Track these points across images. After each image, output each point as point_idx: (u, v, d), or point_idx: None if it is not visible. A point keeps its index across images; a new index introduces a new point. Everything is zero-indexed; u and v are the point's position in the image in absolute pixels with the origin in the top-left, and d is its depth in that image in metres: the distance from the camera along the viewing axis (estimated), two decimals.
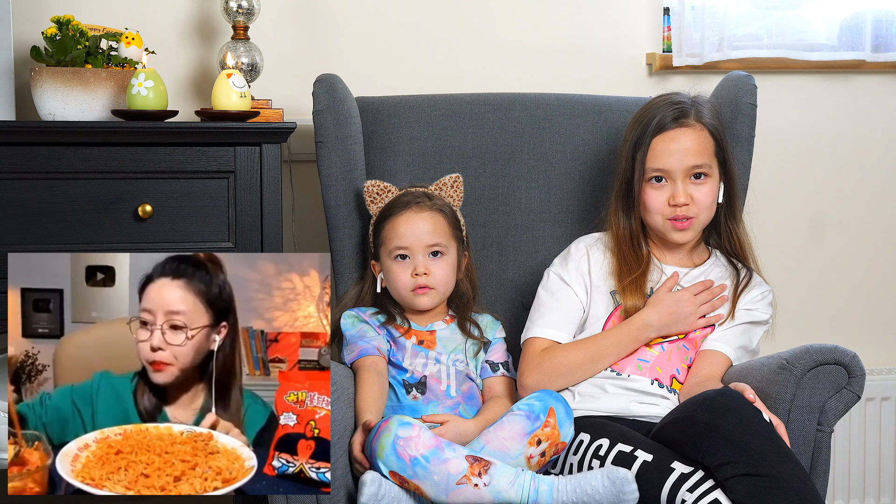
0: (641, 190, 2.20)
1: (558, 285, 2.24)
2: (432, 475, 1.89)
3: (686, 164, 2.17)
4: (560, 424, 2.02)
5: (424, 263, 2.20)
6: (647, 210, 2.21)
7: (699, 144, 2.19)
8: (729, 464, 1.84)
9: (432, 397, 2.16)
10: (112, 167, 2.21)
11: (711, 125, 2.21)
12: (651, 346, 2.19)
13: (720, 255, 2.28)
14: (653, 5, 2.80)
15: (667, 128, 2.18)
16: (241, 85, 2.27)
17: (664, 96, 2.25)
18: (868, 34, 2.82)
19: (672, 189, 2.18)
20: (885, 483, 2.91)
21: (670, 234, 2.21)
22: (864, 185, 2.93)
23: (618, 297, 2.21)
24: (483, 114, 2.48)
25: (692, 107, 2.21)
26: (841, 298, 2.94)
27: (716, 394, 1.95)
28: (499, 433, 2.01)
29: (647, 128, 2.20)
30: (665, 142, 2.18)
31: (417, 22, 2.72)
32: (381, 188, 2.27)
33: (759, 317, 2.22)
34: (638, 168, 2.20)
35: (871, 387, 2.84)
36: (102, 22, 2.48)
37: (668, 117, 2.19)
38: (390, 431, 1.91)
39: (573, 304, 2.22)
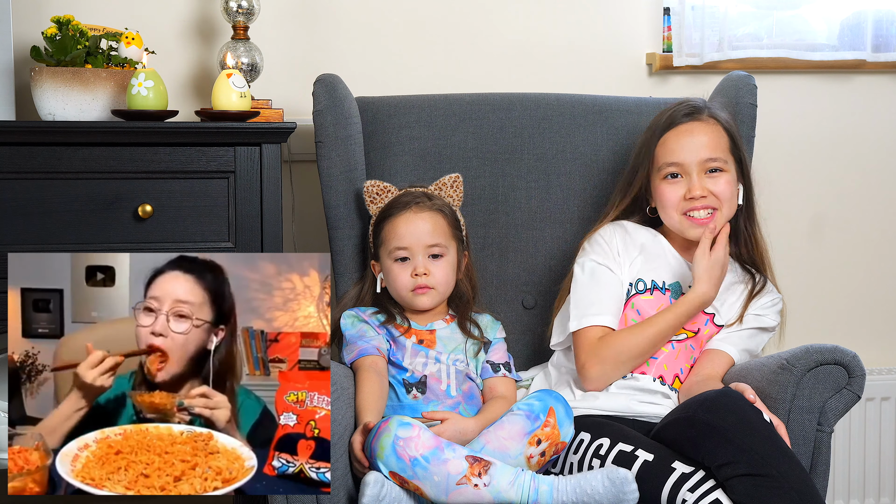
0: (657, 189, 2.19)
1: (598, 270, 2.20)
2: (432, 475, 1.89)
3: (700, 156, 2.15)
4: (560, 424, 2.02)
5: (424, 264, 2.20)
6: (663, 207, 2.19)
7: (713, 138, 2.17)
8: (729, 464, 1.84)
9: (432, 397, 2.15)
10: (112, 167, 2.21)
11: (725, 121, 2.20)
12: None
13: (733, 260, 2.27)
14: (653, 5, 2.80)
15: (679, 122, 2.18)
16: (241, 85, 2.27)
17: (677, 101, 2.25)
18: (868, 34, 2.82)
19: (688, 183, 2.16)
20: (885, 483, 2.91)
21: (687, 232, 2.18)
22: (864, 185, 2.93)
23: (630, 288, 2.20)
24: (483, 114, 2.48)
25: (705, 106, 2.21)
26: (841, 298, 2.94)
27: (716, 394, 1.95)
28: (499, 433, 2.01)
29: (659, 127, 2.20)
30: (678, 135, 2.17)
31: (417, 22, 2.72)
32: (380, 188, 2.27)
33: (768, 323, 2.23)
34: (652, 166, 2.19)
35: (871, 387, 2.84)
36: (102, 22, 2.48)
37: (679, 112, 2.19)
38: (390, 432, 1.91)
39: (615, 285, 2.20)
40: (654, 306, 2.20)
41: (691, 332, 2.20)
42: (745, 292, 2.23)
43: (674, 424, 1.96)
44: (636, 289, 2.21)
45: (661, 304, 2.19)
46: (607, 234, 2.24)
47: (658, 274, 2.22)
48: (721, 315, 2.22)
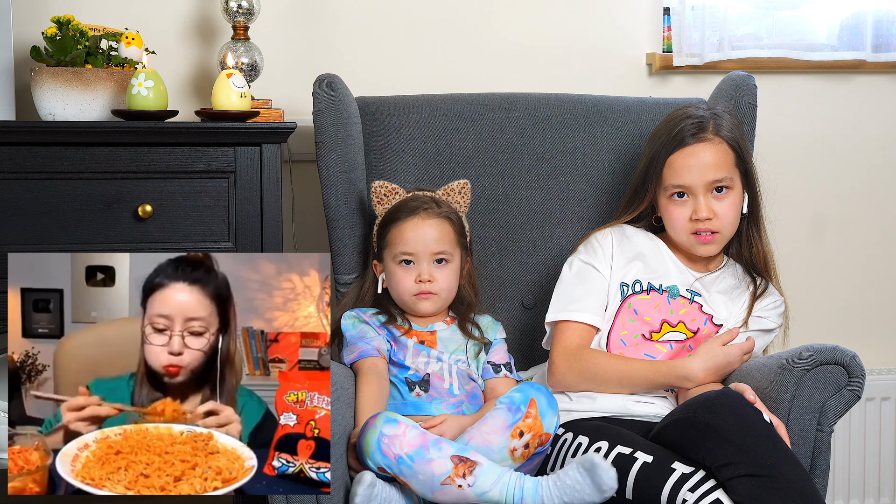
0: (664, 207, 2.22)
1: (584, 269, 2.23)
2: (417, 474, 1.90)
3: (706, 178, 2.17)
4: (542, 415, 2.00)
5: (429, 270, 2.20)
6: (672, 227, 2.22)
7: (718, 158, 2.18)
8: (730, 464, 1.83)
9: (436, 394, 2.15)
10: (112, 167, 2.21)
11: (730, 138, 2.20)
12: (660, 343, 2.19)
13: (735, 263, 2.28)
14: (653, 5, 2.80)
15: (685, 143, 2.18)
16: (241, 85, 2.27)
17: (683, 109, 2.24)
18: (868, 34, 2.82)
19: (694, 204, 2.18)
20: (885, 483, 2.91)
21: (696, 249, 2.21)
22: (864, 185, 2.93)
23: (626, 289, 2.21)
24: (483, 114, 2.48)
25: (710, 120, 2.20)
26: (841, 298, 2.94)
27: (716, 395, 1.95)
28: (482, 428, 2.01)
29: (666, 144, 2.20)
30: (684, 158, 2.18)
31: (418, 22, 2.72)
32: (388, 189, 2.26)
33: (769, 325, 2.23)
34: (659, 184, 2.21)
35: (871, 387, 2.84)
36: (102, 22, 2.48)
37: (686, 132, 2.18)
38: (376, 428, 1.92)
39: (600, 285, 2.22)
40: (650, 306, 2.20)
41: (691, 331, 2.20)
42: (748, 295, 2.24)
43: (674, 425, 1.96)
44: (633, 289, 2.22)
45: (658, 304, 2.20)
46: (601, 236, 2.25)
47: (656, 277, 2.23)
48: (719, 316, 2.22)
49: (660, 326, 2.20)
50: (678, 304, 2.22)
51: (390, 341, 2.20)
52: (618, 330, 2.21)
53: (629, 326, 2.21)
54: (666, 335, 2.20)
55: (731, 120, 2.23)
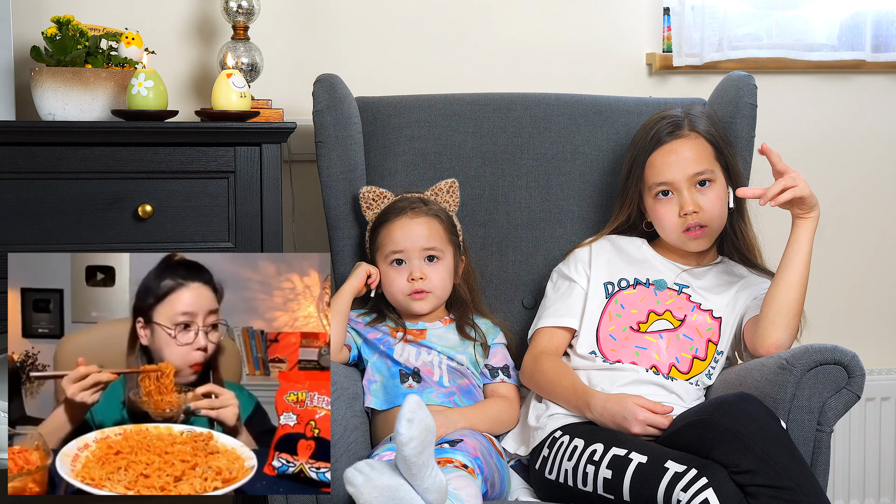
0: (651, 208, 2.25)
1: (561, 281, 2.30)
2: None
3: (687, 172, 2.21)
4: None
5: (420, 268, 2.21)
6: (662, 228, 2.25)
7: (697, 152, 2.23)
8: (749, 472, 1.83)
9: (427, 385, 2.17)
10: (112, 167, 2.21)
11: (707, 132, 2.25)
12: (649, 334, 2.20)
13: (731, 260, 2.31)
14: (653, 5, 2.80)
15: (663, 142, 2.23)
16: (241, 85, 2.27)
17: (658, 113, 2.30)
18: (868, 34, 2.82)
19: (679, 200, 2.21)
20: (885, 483, 2.91)
21: (687, 246, 2.25)
22: (864, 185, 2.93)
23: (610, 287, 2.23)
24: (483, 114, 2.48)
25: (685, 118, 2.26)
26: (841, 298, 2.94)
27: (733, 398, 1.94)
28: None
29: (644, 145, 2.25)
30: (663, 155, 2.23)
31: (417, 22, 2.72)
32: (376, 194, 2.28)
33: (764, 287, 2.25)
34: (643, 187, 2.25)
35: (871, 387, 2.84)
36: (102, 22, 2.48)
37: (663, 131, 2.24)
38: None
39: (577, 292, 2.27)
40: (637, 299, 2.24)
41: (677, 320, 2.21)
42: (744, 284, 2.26)
43: (688, 428, 1.95)
44: (618, 286, 2.25)
45: (644, 296, 2.24)
46: (580, 249, 2.32)
47: (642, 274, 2.27)
48: (707, 304, 2.24)
49: (646, 317, 2.22)
50: (665, 294, 2.24)
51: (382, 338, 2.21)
52: (605, 326, 2.23)
53: (617, 321, 2.22)
54: (653, 325, 2.22)
55: (706, 118, 2.28)
